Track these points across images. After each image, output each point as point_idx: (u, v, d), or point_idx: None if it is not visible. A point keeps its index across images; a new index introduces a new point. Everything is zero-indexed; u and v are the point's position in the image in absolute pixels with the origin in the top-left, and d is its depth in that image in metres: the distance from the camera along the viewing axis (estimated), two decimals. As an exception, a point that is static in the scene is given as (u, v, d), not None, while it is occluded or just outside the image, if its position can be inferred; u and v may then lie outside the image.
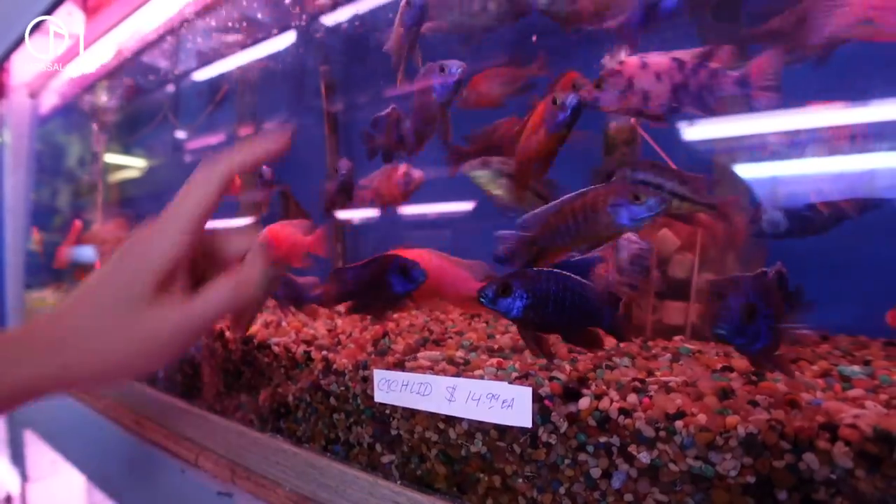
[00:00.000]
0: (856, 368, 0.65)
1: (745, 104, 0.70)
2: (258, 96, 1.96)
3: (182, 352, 0.64)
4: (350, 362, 0.82)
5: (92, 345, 0.52)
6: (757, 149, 0.87)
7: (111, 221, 2.02)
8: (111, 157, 2.32)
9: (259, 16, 1.55)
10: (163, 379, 1.27)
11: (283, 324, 1.09)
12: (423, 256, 0.80)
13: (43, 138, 2.43)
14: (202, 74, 1.89)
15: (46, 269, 2.26)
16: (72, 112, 2.42)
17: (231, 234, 0.60)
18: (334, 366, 0.83)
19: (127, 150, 2.32)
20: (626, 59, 0.75)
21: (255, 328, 1.06)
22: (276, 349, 0.94)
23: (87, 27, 1.66)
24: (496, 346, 0.83)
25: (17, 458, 2.08)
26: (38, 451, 1.95)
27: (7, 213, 2.33)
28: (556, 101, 0.71)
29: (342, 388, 0.82)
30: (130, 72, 2.00)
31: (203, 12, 1.59)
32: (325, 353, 0.86)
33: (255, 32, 1.56)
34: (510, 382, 0.65)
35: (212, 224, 0.57)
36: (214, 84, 1.90)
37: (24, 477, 2.05)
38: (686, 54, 0.75)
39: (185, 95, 2.09)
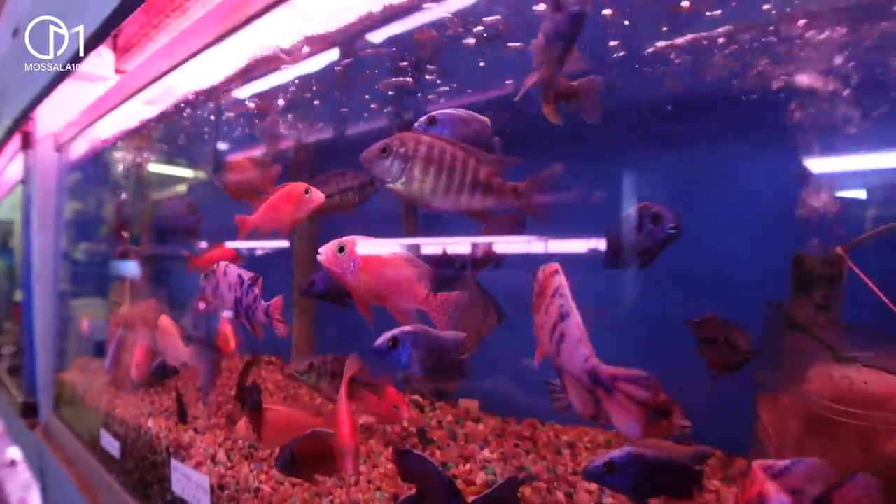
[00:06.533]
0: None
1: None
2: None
3: None
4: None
5: None
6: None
7: (143, 302, 1.91)
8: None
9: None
10: None
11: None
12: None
13: (73, 193, 2.29)
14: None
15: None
16: (101, 165, 2.30)
17: None
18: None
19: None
20: (217, 268, 0.98)
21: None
22: None
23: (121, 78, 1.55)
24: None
25: None
26: None
27: (36, 280, 2.18)
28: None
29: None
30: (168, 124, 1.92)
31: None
32: None
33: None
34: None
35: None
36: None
37: None
38: (247, 274, 0.94)
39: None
